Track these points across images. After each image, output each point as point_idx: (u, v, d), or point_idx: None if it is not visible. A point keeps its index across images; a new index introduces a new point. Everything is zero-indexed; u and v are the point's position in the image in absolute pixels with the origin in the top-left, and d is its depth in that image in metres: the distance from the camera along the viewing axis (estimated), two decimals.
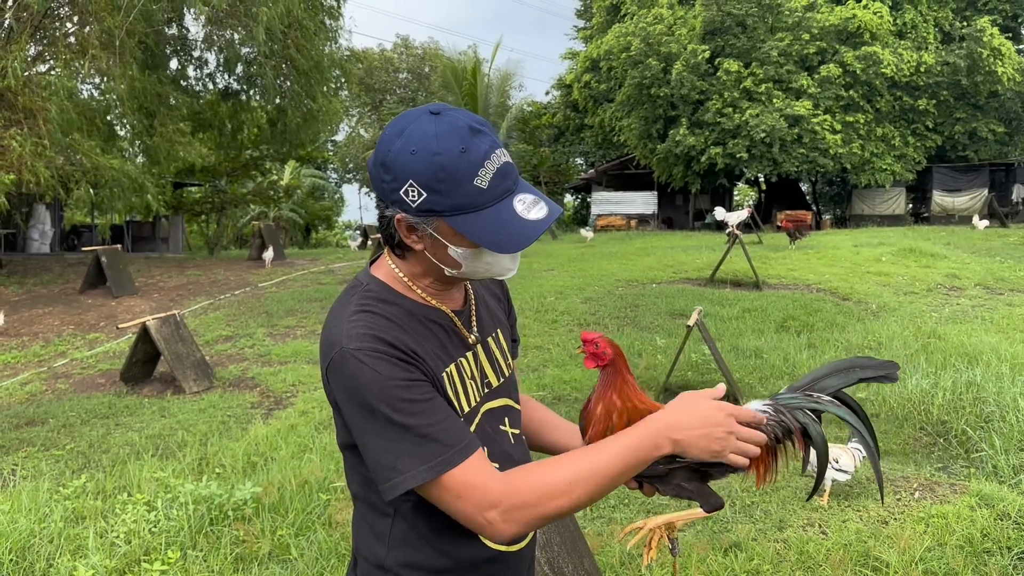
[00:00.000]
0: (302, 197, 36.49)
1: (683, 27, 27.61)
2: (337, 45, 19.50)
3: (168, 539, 4.08)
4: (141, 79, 14.69)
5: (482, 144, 1.25)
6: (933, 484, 4.54)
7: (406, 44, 44.73)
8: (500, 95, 34.74)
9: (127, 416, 7.35)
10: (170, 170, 19.35)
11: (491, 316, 1.57)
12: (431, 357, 1.35)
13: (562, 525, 2.60)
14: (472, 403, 1.44)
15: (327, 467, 4.99)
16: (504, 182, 1.28)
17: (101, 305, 13.11)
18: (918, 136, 27.97)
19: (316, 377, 8.30)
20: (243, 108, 19.52)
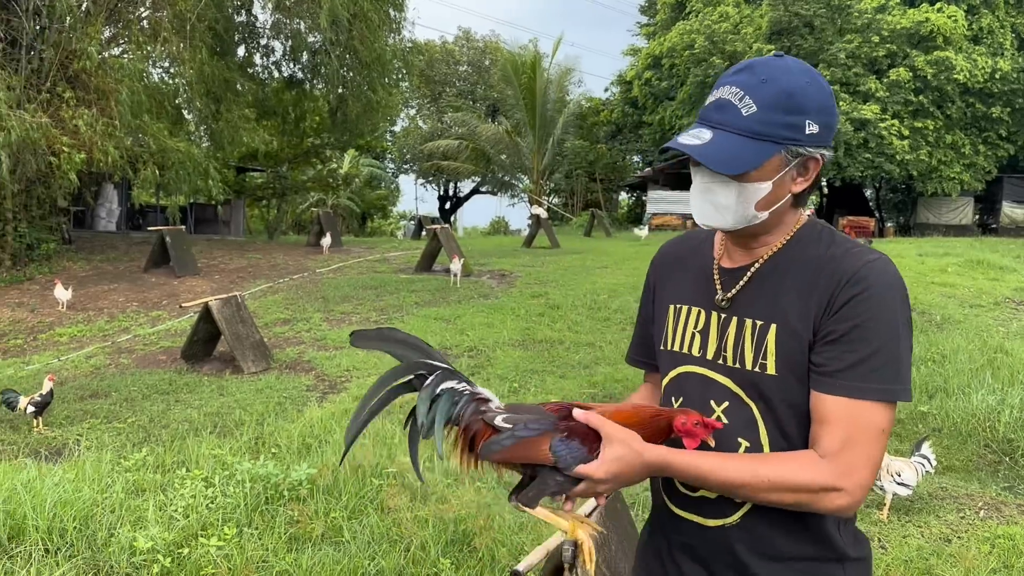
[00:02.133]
0: (359, 186, 36.93)
1: (749, 26, 27.15)
2: (400, 37, 19.69)
3: (224, 515, 4.16)
4: (210, 64, 15.02)
5: (720, 80, 1.42)
6: (999, 503, 4.39)
7: (468, 37, 44.86)
8: (559, 90, 34.62)
9: (186, 393, 7.53)
10: (234, 155, 19.76)
11: (771, 301, 1.41)
12: (672, 284, 1.59)
13: (619, 525, 2.58)
14: (681, 349, 1.53)
15: (380, 452, 5.04)
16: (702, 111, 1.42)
17: (164, 284, 13.47)
18: (989, 145, 27.06)
19: (370, 363, 8.40)
20: (306, 97, 19.83)
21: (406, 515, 4.15)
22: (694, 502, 1.50)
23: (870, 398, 1.29)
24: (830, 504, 1.31)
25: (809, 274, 1.37)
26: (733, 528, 1.45)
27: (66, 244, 16.34)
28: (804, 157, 1.37)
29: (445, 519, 4.08)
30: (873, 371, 1.29)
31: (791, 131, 1.34)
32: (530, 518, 4.28)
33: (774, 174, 1.36)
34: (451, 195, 47.37)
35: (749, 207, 1.38)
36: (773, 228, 1.44)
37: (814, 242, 1.42)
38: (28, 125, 11.97)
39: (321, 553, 3.83)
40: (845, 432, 1.30)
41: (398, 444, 5.41)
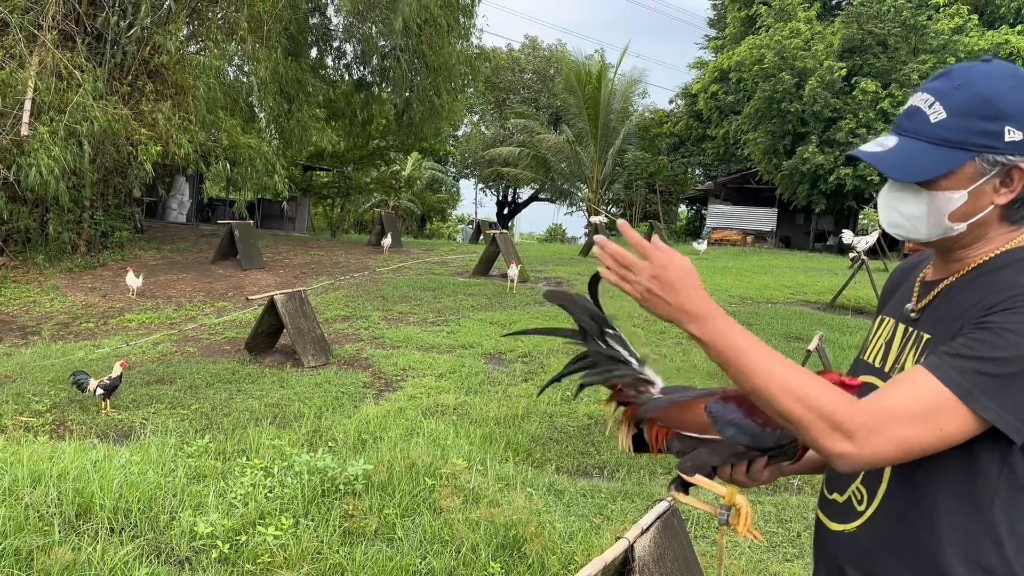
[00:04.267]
0: (420, 188, 37.31)
1: (820, 43, 26.66)
2: (468, 43, 19.87)
3: (282, 505, 4.25)
4: (283, 64, 15.39)
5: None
6: None
7: (534, 45, 45.02)
8: (623, 101, 34.50)
9: (248, 383, 7.72)
10: (302, 154, 20.21)
11: (945, 317, 1.33)
12: (894, 297, 1.57)
13: (676, 541, 2.58)
14: (867, 358, 1.52)
15: (434, 452, 5.10)
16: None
17: (230, 276, 13.83)
18: None
19: (425, 363, 8.50)
20: (374, 99, 20.16)
21: (458, 516, 4.19)
22: (827, 503, 1.51)
23: (946, 383, 1.16)
24: (831, 444, 1.17)
25: (984, 293, 1.26)
26: (849, 536, 1.42)
27: (138, 233, 16.90)
28: (1006, 166, 1.27)
29: (496, 523, 4.10)
30: (976, 373, 1.16)
31: (986, 138, 1.26)
32: (580, 527, 4.29)
33: (969, 183, 1.29)
34: (510, 201, 47.55)
35: (943, 218, 1.31)
36: (975, 243, 1.35)
37: (1014, 266, 1.29)
38: (110, 116, 12.43)
39: (374, 549, 3.89)
40: (899, 396, 1.18)
41: (451, 446, 5.47)
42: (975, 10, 26.40)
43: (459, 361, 8.63)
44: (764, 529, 4.43)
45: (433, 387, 7.61)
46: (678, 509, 2.73)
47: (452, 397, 7.24)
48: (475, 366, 8.46)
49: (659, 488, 5.39)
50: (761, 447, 1.37)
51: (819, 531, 1.55)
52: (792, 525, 4.56)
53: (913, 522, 1.32)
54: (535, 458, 5.97)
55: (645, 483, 5.57)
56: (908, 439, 1.17)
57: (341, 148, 23.73)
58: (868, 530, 1.39)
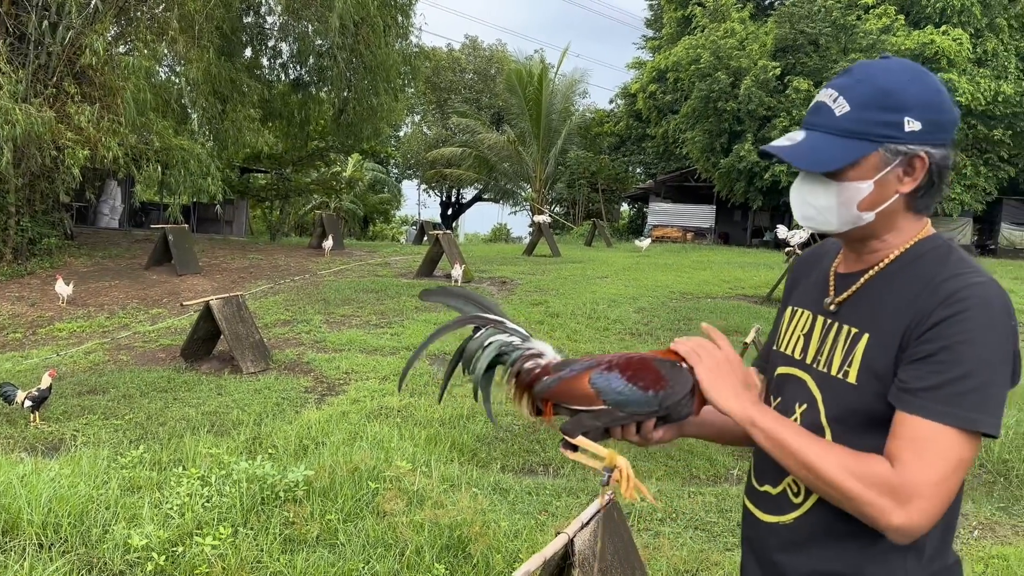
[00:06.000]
0: (362, 190, 36.96)
1: (754, 43, 27.24)
2: (407, 42, 19.74)
3: (220, 514, 4.16)
4: (216, 64, 15.06)
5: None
6: (993, 524, 4.41)
7: (474, 45, 45.00)
8: (564, 101, 34.73)
9: (185, 391, 7.53)
10: (238, 155, 19.82)
11: (872, 311, 1.38)
12: (799, 287, 1.61)
13: (616, 535, 2.59)
14: (784, 349, 1.55)
15: (377, 456, 5.05)
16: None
17: (165, 281, 13.48)
18: (990, 166, 27.14)
19: (369, 366, 8.41)
20: (312, 100, 19.88)
21: (402, 519, 4.15)
22: (757, 494, 1.54)
23: (950, 423, 1.21)
24: (884, 519, 1.23)
25: (914, 289, 1.32)
26: (784, 528, 1.45)
27: (68, 239, 16.35)
28: (907, 155, 1.32)
29: (441, 524, 4.08)
30: (958, 395, 1.22)
31: (888, 128, 1.31)
32: (525, 524, 4.29)
33: (874, 173, 1.33)
34: (453, 201, 47.45)
35: (851, 208, 1.36)
36: (885, 233, 1.40)
37: (929, 257, 1.37)
38: (33, 119, 12.00)
39: (316, 555, 3.83)
40: (917, 452, 1.23)
41: (395, 448, 5.42)
42: (901, 10, 27.26)
43: (403, 363, 8.57)
44: (704, 519, 4.49)
45: (377, 390, 7.53)
46: (618, 503, 2.74)
47: (396, 399, 7.17)
48: (420, 367, 8.39)
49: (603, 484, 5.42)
50: (645, 412, 1.42)
51: (748, 522, 1.56)
52: (732, 515, 4.63)
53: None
54: (481, 458, 5.96)
55: (590, 479, 5.60)
56: (948, 489, 1.23)
57: (279, 149, 23.36)
58: (808, 521, 1.41)
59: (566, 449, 1.46)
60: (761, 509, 1.52)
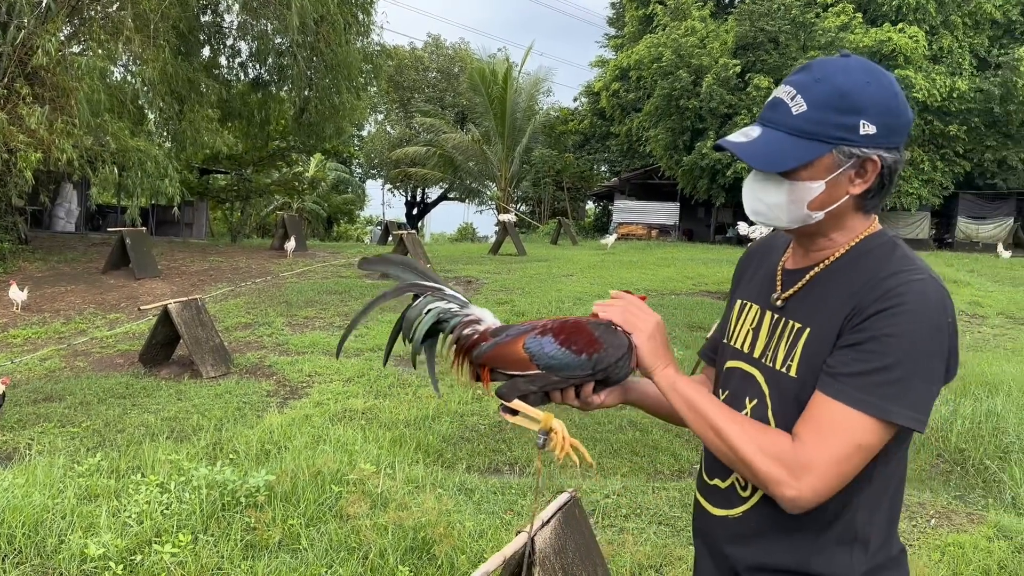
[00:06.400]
0: (326, 190, 36.65)
1: (715, 41, 27.51)
2: (368, 40, 19.59)
3: (180, 522, 4.09)
4: (173, 64, 14.80)
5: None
6: (950, 512, 4.49)
7: (437, 44, 44.87)
8: (528, 99, 34.77)
9: (144, 397, 7.40)
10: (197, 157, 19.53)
11: (815, 307, 1.39)
12: (746, 279, 1.63)
13: (577, 531, 2.59)
14: (734, 343, 1.56)
15: (341, 459, 5.00)
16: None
17: (123, 286, 13.23)
18: (947, 161, 27.72)
19: (332, 368, 8.33)
20: (272, 99, 19.64)
21: (365, 522, 4.11)
22: (708, 488, 1.55)
23: (859, 408, 1.24)
24: (777, 490, 1.28)
25: (856, 284, 1.33)
26: (734, 521, 1.47)
27: (22, 244, 15.96)
28: (860, 158, 1.32)
29: (405, 526, 4.05)
30: (877, 385, 1.24)
31: (843, 131, 1.31)
32: (490, 524, 4.28)
33: (826, 174, 1.33)
34: (418, 201, 47.27)
35: (802, 207, 1.36)
36: (833, 231, 1.41)
37: (873, 254, 1.37)
38: None
39: (277, 561, 3.78)
40: (820, 430, 1.26)
41: (359, 451, 5.37)
42: (859, 8, 27.71)
43: (367, 364, 8.50)
44: (668, 515, 4.51)
45: (341, 392, 7.46)
46: (579, 500, 2.74)
47: (361, 401, 7.12)
48: (384, 369, 8.34)
49: (569, 481, 5.43)
50: (579, 375, 1.43)
51: (699, 516, 1.58)
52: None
53: None
54: (446, 458, 5.93)
55: (555, 476, 5.60)
56: (842, 471, 1.27)
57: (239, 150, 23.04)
58: (755, 514, 1.44)
59: (505, 413, 1.48)
60: (711, 503, 1.53)
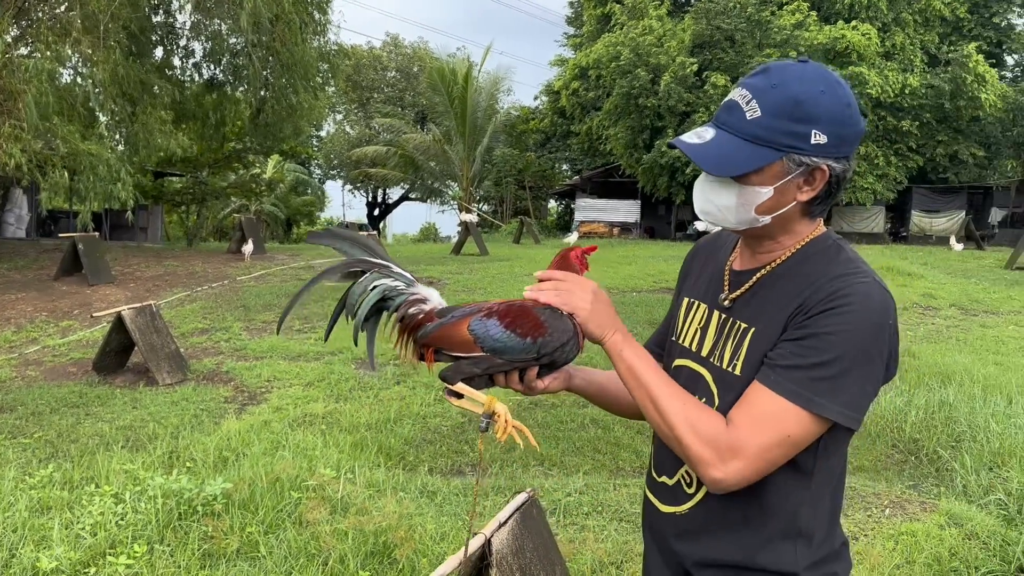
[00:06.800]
0: (284, 192, 36.25)
1: (672, 39, 27.75)
2: (325, 39, 19.38)
3: (135, 532, 4.02)
4: (124, 65, 14.47)
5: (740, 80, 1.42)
6: (904, 502, 4.57)
7: (396, 43, 44.62)
8: (489, 98, 34.72)
9: (98, 406, 7.25)
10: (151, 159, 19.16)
11: (761, 307, 1.42)
12: (692, 277, 1.64)
13: (535, 531, 2.59)
14: (682, 341, 1.57)
15: (300, 465, 4.94)
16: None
17: (76, 293, 12.94)
18: (900, 156, 28.30)
19: (292, 373, 8.24)
20: (228, 100, 19.34)
21: (325, 528, 4.07)
22: (656, 485, 1.57)
23: (793, 400, 1.27)
24: (703, 470, 1.30)
25: (801, 286, 1.35)
26: (681, 518, 1.48)
27: None
28: (810, 167, 1.34)
29: (365, 531, 4.01)
30: (813, 380, 1.27)
31: (795, 139, 1.31)
32: (452, 526, 4.26)
33: (776, 180, 1.35)
34: (380, 202, 46.98)
35: (750, 211, 1.38)
36: (780, 235, 1.43)
37: (819, 256, 1.39)
38: None
39: (235, 569, 3.73)
40: (753, 418, 1.29)
41: (319, 456, 5.32)
42: (813, 6, 28.16)
43: (328, 368, 8.42)
44: (629, 511, 4.53)
45: (301, 397, 7.38)
46: (537, 499, 2.74)
47: (321, 406, 7.05)
48: (345, 372, 8.27)
49: (532, 480, 5.44)
50: (524, 359, 1.42)
51: (649, 512, 1.59)
52: None
53: (743, 500, 1.39)
54: (408, 461, 5.90)
55: (518, 476, 5.60)
56: (765, 456, 1.29)
57: (194, 152, 22.65)
58: (700, 511, 1.46)
59: (450, 396, 1.47)
60: (659, 499, 1.55)
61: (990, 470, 5.03)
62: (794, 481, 1.36)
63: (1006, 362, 8.75)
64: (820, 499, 1.39)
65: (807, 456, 1.35)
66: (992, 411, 6.04)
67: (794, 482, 1.36)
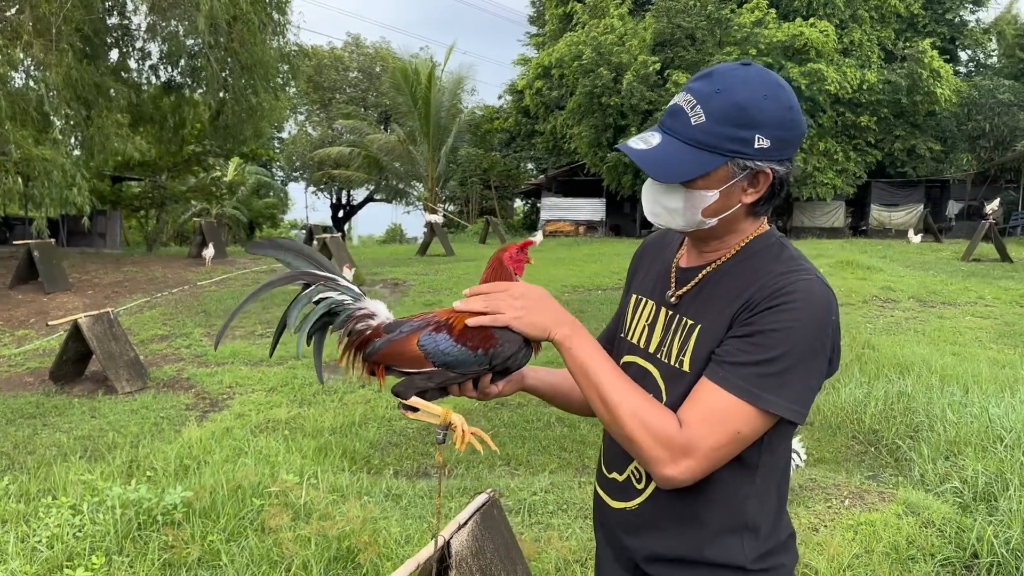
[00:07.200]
0: (246, 194, 35.81)
1: (634, 38, 27.89)
2: (285, 40, 19.18)
3: (93, 544, 3.95)
4: (78, 68, 14.19)
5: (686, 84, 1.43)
6: (863, 492, 4.64)
7: (357, 43, 44.32)
8: (452, 98, 34.63)
9: (55, 416, 7.11)
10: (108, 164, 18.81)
11: (707, 304, 1.44)
12: (641, 274, 1.66)
13: (496, 531, 2.58)
14: (631, 338, 1.58)
15: (262, 471, 4.88)
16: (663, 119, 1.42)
17: (32, 301, 12.67)
18: (859, 151, 28.74)
19: (254, 378, 8.15)
20: (186, 102, 19.05)
21: (287, 535, 4.02)
22: (606, 481, 1.58)
23: (741, 396, 1.29)
24: (656, 467, 1.31)
25: (745, 283, 1.38)
26: (631, 513, 1.50)
27: None
28: (754, 171, 1.37)
29: (329, 536, 3.98)
30: (760, 376, 1.29)
31: (739, 144, 1.34)
32: (417, 529, 4.24)
33: (721, 184, 1.37)
34: (344, 203, 46.63)
35: (696, 213, 1.40)
36: (726, 234, 1.46)
37: (763, 254, 1.43)
38: None
39: None
40: (705, 416, 1.30)
41: (281, 462, 5.26)
42: (772, 4, 28.48)
43: (291, 373, 8.34)
44: None
45: (264, 402, 7.30)
46: (498, 500, 2.73)
47: (284, 411, 6.98)
48: (308, 376, 8.20)
49: (498, 480, 5.43)
50: (476, 371, 1.42)
51: (599, 508, 1.61)
52: None
53: (691, 495, 1.41)
54: (373, 464, 5.87)
55: (484, 477, 5.60)
56: (719, 456, 1.32)
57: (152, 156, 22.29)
58: (649, 507, 1.47)
59: (405, 410, 1.46)
60: (609, 495, 1.56)
61: (946, 459, 5.12)
62: (740, 476, 1.38)
63: (963, 352, 8.93)
64: (766, 492, 1.41)
65: (752, 451, 1.37)
66: (949, 401, 6.15)
67: (740, 477, 1.39)
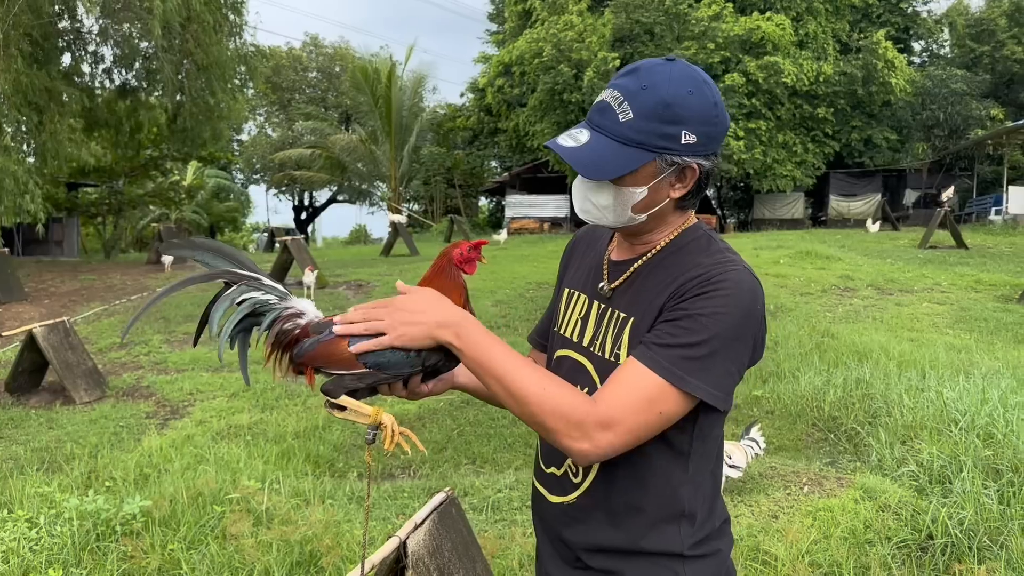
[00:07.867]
0: (206, 198, 35.35)
1: (593, 34, 27.99)
2: (242, 40, 18.97)
3: (50, 557, 3.88)
4: (28, 74, 13.91)
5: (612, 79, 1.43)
6: (822, 478, 4.72)
7: (316, 43, 43.92)
8: (413, 97, 34.48)
9: (11, 428, 6.97)
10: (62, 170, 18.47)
11: (638, 297, 1.45)
12: (573, 267, 1.67)
13: (454, 530, 2.58)
14: (564, 332, 1.59)
15: (223, 478, 4.83)
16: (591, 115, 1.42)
17: None
18: (817, 143, 29.14)
19: (216, 384, 8.06)
20: (142, 106, 18.76)
21: (248, 541, 3.99)
22: (545, 476, 1.58)
23: (662, 375, 1.29)
24: (571, 443, 1.30)
25: (675, 274, 1.40)
26: (569, 507, 1.50)
27: None
28: (681, 166, 1.38)
29: (291, 541, 3.95)
30: (683, 358, 1.30)
31: (666, 140, 1.35)
32: (381, 530, 4.22)
33: (649, 180, 1.38)
34: (307, 205, 46.21)
35: (626, 210, 1.41)
36: (655, 228, 1.47)
37: (692, 246, 1.45)
38: None
39: None
40: (628, 393, 1.30)
41: (243, 468, 5.21)
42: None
43: (253, 378, 8.24)
44: None
45: (225, 408, 7.23)
46: (456, 499, 2.74)
47: (246, 416, 6.91)
48: (271, 381, 8.12)
49: (463, 479, 5.43)
50: (408, 372, 1.41)
51: (538, 503, 1.61)
52: None
53: (626, 485, 1.42)
54: (337, 468, 5.83)
55: (449, 476, 5.59)
56: (637, 429, 1.31)
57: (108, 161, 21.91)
58: (586, 499, 1.48)
59: (332, 409, 1.43)
60: (548, 490, 1.57)
61: (903, 443, 5.21)
62: (674, 464, 1.40)
63: (920, 338, 9.11)
64: (700, 480, 1.43)
65: (684, 438, 1.39)
66: (906, 386, 6.26)
67: (674, 465, 1.40)
